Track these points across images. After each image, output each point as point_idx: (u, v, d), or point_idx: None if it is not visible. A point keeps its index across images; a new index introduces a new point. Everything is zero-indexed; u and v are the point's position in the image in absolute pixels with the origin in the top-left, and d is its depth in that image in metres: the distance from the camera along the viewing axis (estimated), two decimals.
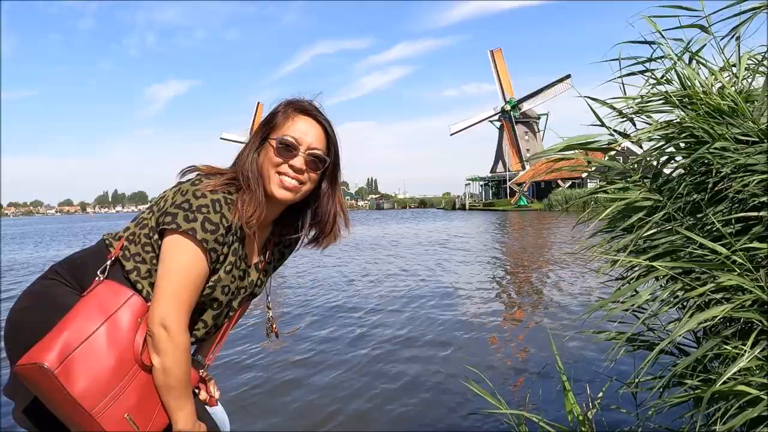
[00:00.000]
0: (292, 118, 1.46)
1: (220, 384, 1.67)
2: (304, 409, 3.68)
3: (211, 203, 1.35)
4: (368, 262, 12.49)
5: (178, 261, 1.32)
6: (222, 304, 1.47)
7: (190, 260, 1.33)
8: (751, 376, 1.31)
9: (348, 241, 19.10)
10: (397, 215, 52.65)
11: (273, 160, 1.43)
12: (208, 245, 1.34)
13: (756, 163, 1.47)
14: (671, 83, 1.81)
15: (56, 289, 1.38)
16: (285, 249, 1.69)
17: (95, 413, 1.20)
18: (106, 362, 1.24)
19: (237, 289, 1.51)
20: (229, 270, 1.44)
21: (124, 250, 1.40)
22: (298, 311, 7.02)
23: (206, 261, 1.35)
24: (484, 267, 11.10)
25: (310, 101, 1.49)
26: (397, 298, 7.72)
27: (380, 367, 4.54)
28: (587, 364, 4.16)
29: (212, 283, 1.41)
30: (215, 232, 1.35)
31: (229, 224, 1.38)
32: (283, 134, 1.44)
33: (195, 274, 1.34)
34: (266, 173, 1.44)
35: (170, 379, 1.31)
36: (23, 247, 23.06)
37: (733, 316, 1.38)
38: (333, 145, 1.51)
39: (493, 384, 3.88)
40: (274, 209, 1.51)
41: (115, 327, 1.28)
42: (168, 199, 1.39)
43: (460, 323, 6.05)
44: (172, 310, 1.30)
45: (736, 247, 1.40)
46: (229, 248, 1.42)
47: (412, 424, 3.37)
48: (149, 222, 1.41)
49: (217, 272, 1.41)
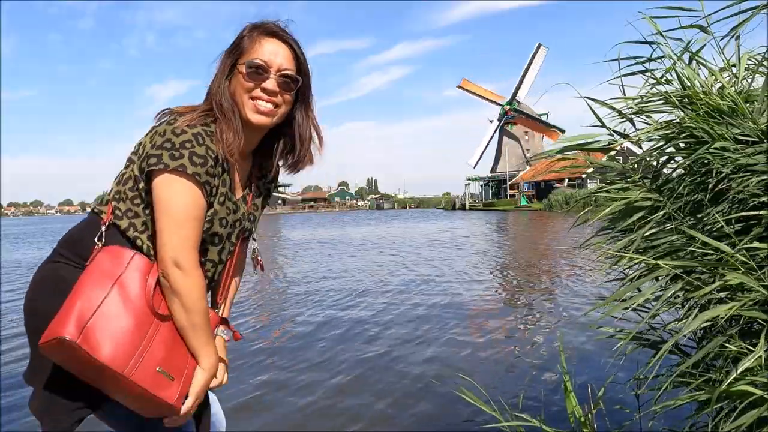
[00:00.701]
0: (258, 41, 1.42)
1: (234, 386, 1.67)
2: (319, 408, 3.68)
3: (193, 137, 1.33)
4: (376, 262, 12.50)
5: (176, 200, 1.31)
6: (222, 238, 1.46)
7: (188, 196, 1.31)
8: (753, 376, 1.30)
9: (351, 241, 19.15)
10: (398, 215, 52.70)
11: (245, 85, 1.41)
12: (201, 178, 1.33)
13: (756, 163, 1.47)
14: (671, 83, 1.82)
15: (61, 271, 1.37)
16: (269, 185, 1.67)
17: (127, 373, 1.20)
18: (125, 323, 1.24)
19: (234, 222, 1.49)
20: (222, 201, 1.43)
21: (114, 211, 1.39)
22: (313, 309, 7.03)
23: (203, 195, 1.35)
24: (489, 266, 11.09)
25: (275, 22, 1.46)
26: (399, 297, 7.72)
27: (388, 365, 4.54)
28: (588, 363, 4.16)
29: (209, 216, 1.40)
30: (205, 165, 1.33)
31: (215, 155, 1.37)
32: (251, 58, 1.41)
33: (195, 210, 1.33)
34: (240, 100, 1.42)
35: (193, 316, 1.31)
36: (44, 246, 23.06)
37: (739, 315, 1.37)
38: (303, 64, 1.48)
39: (492, 385, 3.90)
40: (253, 137, 1.50)
41: (124, 288, 1.28)
42: (146, 145, 1.37)
43: (467, 322, 6.05)
44: (180, 248, 1.29)
45: (739, 246, 1.40)
46: (219, 179, 1.41)
47: (413, 424, 3.37)
48: (132, 173, 1.39)
49: (212, 205, 1.40)
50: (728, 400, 1.36)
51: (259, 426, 3.43)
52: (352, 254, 14.73)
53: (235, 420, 3.44)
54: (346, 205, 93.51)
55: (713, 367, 1.60)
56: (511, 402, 3.62)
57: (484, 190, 71.20)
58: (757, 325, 1.50)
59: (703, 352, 1.41)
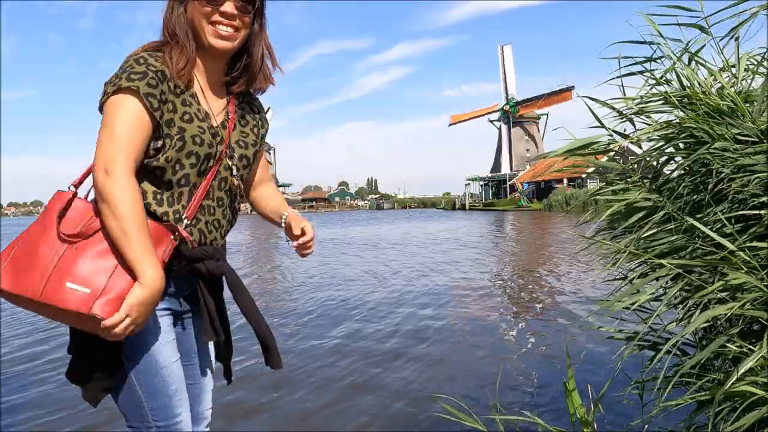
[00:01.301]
0: None
1: (238, 387, 1.66)
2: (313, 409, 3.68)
3: (133, 60, 1.37)
4: (378, 260, 12.50)
5: (112, 113, 1.33)
6: (200, 157, 1.43)
7: (122, 108, 1.33)
8: (755, 377, 1.31)
9: (356, 240, 19.14)
10: (399, 215, 52.70)
11: (202, 11, 1.41)
12: (141, 90, 1.33)
13: (756, 163, 1.48)
14: (671, 84, 1.82)
15: None
16: (258, 116, 1.66)
17: (32, 295, 1.25)
18: (37, 248, 1.29)
19: (215, 146, 1.46)
20: (189, 119, 1.42)
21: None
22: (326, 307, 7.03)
23: (143, 105, 1.34)
24: (489, 267, 11.09)
25: None
26: (399, 295, 7.72)
27: (384, 364, 4.54)
28: (589, 363, 4.16)
29: (178, 134, 1.39)
30: (144, 77, 1.34)
31: (158, 70, 1.37)
32: None
33: (132, 119, 1.33)
34: (199, 26, 1.43)
35: (123, 224, 1.27)
36: None
37: (740, 314, 1.38)
38: None
39: (492, 384, 3.89)
40: (217, 64, 1.51)
41: (43, 217, 1.34)
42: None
43: (465, 321, 6.05)
44: (111, 154, 1.30)
45: (741, 244, 1.40)
46: (177, 96, 1.41)
47: (411, 425, 3.37)
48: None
49: (173, 123, 1.39)
50: (730, 400, 1.36)
51: (270, 426, 3.43)
52: (355, 254, 14.73)
53: (244, 420, 3.44)
54: (346, 205, 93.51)
55: (713, 367, 1.60)
56: (512, 401, 3.63)
57: (484, 190, 71.22)
58: (757, 326, 1.50)
59: (705, 354, 1.41)
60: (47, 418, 3.52)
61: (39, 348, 5.38)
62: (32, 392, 4.05)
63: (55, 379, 4.29)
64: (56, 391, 4.03)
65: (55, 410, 3.64)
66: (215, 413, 1.71)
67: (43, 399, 3.89)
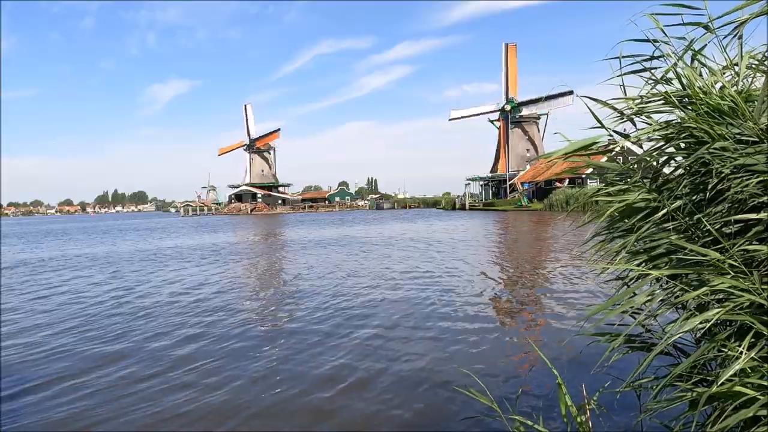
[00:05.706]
0: None
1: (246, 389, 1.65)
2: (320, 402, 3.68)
3: None
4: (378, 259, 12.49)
5: None
6: None
7: None
8: (746, 378, 1.31)
9: (361, 240, 19.12)
10: (400, 215, 52.60)
11: None
12: None
13: (755, 163, 1.47)
14: (671, 83, 1.81)
15: None
16: None
17: None
18: None
19: None
20: None
21: None
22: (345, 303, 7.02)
23: None
24: (489, 266, 11.08)
25: None
26: (400, 295, 7.72)
27: (380, 358, 4.54)
28: (584, 365, 4.15)
29: None
30: None
31: None
32: None
33: None
34: None
35: None
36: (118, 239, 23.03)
37: (727, 318, 1.38)
38: None
39: (492, 384, 3.89)
40: None
41: None
42: None
43: (462, 321, 6.05)
44: None
45: (732, 251, 1.40)
46: None
47: (411, 425, 3.36)
48: None
49: None
50: (722, 400, 1.36)
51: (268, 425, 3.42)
52: (358, 254, 14.72)
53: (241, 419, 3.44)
54: (346, 205, 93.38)
55: (705, 369, 1.60)
56: (510, 401, 3.62)
57: (484, 190, 71.09)
58: (754, 328, 1.49)
59: (696, 356, 1.41)
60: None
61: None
62: None
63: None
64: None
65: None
66: None
67: None
